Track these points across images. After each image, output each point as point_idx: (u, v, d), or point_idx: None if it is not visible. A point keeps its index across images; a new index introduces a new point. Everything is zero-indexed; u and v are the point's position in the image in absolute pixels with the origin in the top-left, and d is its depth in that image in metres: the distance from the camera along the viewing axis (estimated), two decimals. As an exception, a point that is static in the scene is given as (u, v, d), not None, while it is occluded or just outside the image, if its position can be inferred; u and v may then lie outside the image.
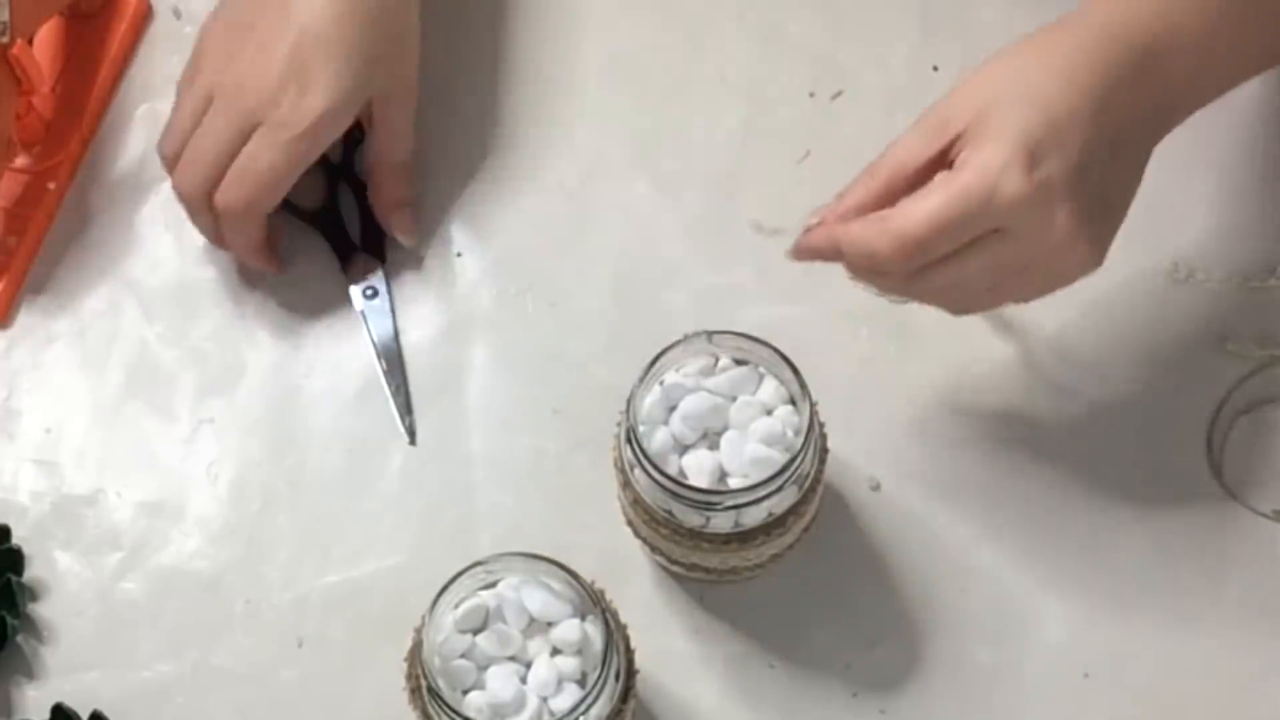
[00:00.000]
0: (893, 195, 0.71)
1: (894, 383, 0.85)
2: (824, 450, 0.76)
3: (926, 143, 0.71)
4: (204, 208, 0.85)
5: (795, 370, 0.73)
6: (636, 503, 0.76)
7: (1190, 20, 0.71)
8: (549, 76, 0.92)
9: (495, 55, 0.93)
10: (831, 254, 0.72)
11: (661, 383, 0.75)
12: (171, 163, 0.86)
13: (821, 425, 0.75)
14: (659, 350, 0.74)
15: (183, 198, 0.85)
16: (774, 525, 0.75)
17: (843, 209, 0.72)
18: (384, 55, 0.84)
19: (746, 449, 0.74)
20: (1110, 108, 0.70)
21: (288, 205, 0.87)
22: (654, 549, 0.79)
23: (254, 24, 0.84)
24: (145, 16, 0.96)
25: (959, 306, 0.74)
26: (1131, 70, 0.70)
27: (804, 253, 0.74)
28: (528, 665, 0.72)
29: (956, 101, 0.72)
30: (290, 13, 0.83)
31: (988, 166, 0.68)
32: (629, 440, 0.73)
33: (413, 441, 0.85)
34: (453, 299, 0.88)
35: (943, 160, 0.71)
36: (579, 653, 0.71)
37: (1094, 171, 0.69)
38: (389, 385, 0.86)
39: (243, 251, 0.87)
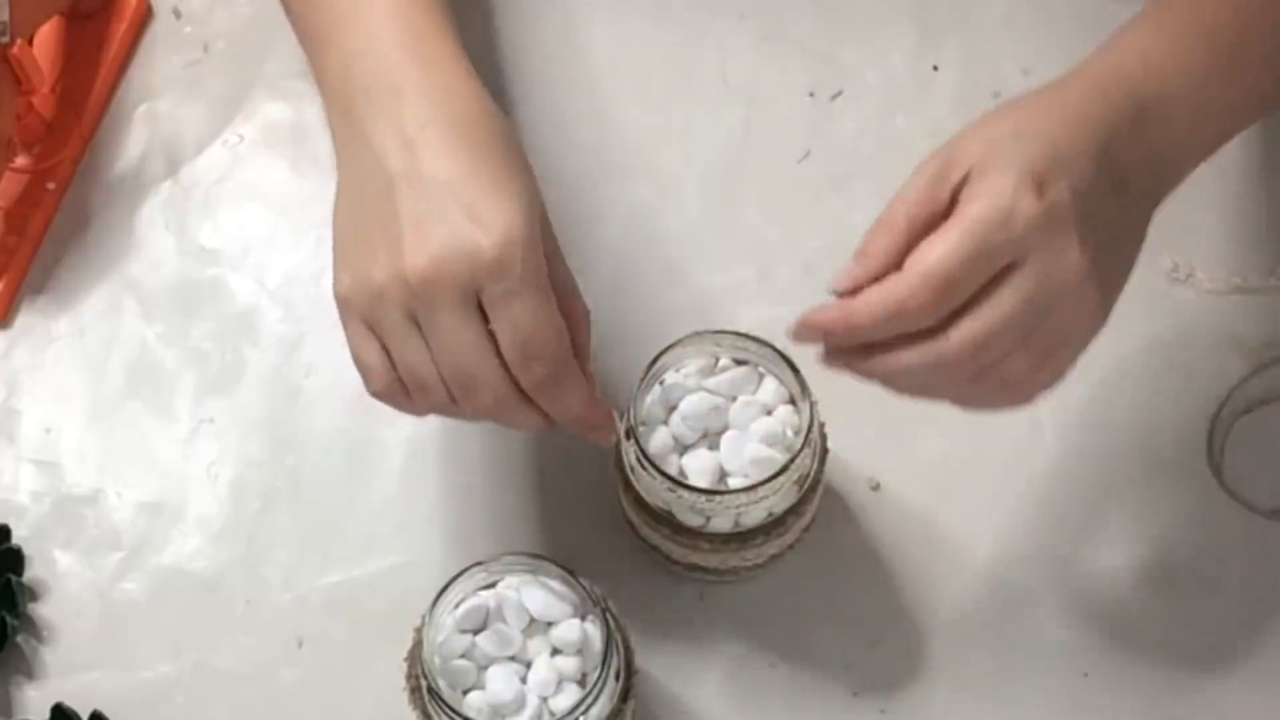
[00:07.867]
0: (908, 248, 0.68)
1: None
2: (824, 450, 0.76)
3: (932, 189, 0.69)
4: (514, 407, 0.71)
5: (795, 370, 0.73)
6: (636, 503, 0.76)
7: (1185, 70, 0.71)
8: (549, 76, 0.92)
9: (495, 55, 0.93)
10: (842, 330, 0.67)
11: (661, 383, 0.75)
12: (400, 396, 0.71)
13: (821, 425, 0.75)
14: (659, 350, 0.74)
15: (476, 417, 0.71)
16: (774, 525, 0.75)
17: (870, 264, 0.68)
18: (512, 168, 0.71)
19: (746, 449, 0.74)
20: (1111, 149, 0.69)
21: None
22: (654, 549, 0.78)
23: (382, 209, 0.69)
24: (145, 16, 0.96)
25: (993, 382, 0.70)
26: (1132, 115, 0.70)
27: (804, 330, 0.68)
28: (528, 665, 0.72)
29: (958, 145, 0.70)
30: (420, 169, 0.69)
31: (1000, 193, 0.67)
32: (629, 440, 0.73)
33: None
34: (453, 299, 0.88)
35: (950, 209, 0.69)
36: (579, 653, 0.71)
37: (1098, 208, 0.69)
38: None
39: (582, 412, 0.72)
